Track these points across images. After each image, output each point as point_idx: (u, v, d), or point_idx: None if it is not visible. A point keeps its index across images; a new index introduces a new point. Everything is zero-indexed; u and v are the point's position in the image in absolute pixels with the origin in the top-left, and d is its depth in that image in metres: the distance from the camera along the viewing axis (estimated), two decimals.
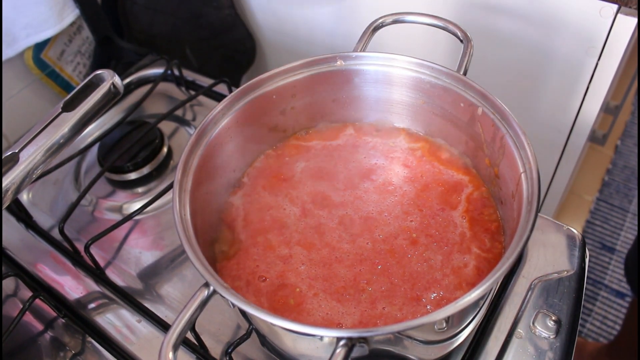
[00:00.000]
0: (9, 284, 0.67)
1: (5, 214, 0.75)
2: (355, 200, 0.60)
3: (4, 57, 0.91)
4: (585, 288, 0.60)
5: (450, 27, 0.60)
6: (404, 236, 0.56)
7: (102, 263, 0.68)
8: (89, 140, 0.81)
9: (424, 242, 0.55)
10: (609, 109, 1.09)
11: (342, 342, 0.38)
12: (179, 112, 0.87)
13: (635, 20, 0.74)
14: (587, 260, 0.62)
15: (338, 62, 0.60)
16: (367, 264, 0.54)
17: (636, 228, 1.61)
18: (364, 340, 0.39)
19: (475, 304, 0.48)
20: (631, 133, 1.86)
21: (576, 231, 0.64)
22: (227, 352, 0.55)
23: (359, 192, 0.60)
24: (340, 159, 0.63)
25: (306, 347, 0.48)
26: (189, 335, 0.57)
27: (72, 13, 0.97)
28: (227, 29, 1.16)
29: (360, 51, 0.61)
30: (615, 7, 0.74)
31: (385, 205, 0.59)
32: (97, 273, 0.67)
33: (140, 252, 0.69)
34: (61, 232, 0.66)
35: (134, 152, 0.77)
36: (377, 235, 0.56)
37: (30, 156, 0.54)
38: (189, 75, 0.93)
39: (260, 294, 0.53)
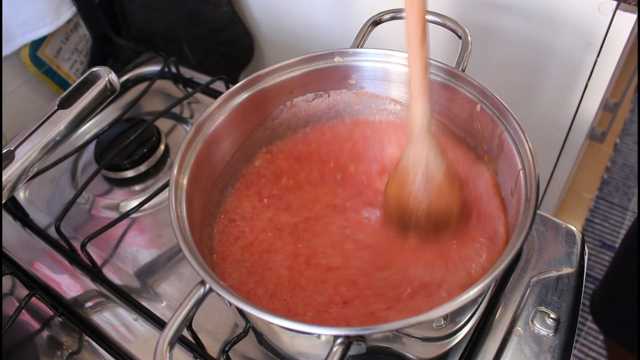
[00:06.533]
0: (5, 282, 0.66)
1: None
2: (354, 195, 0.59)
3: None
4: (586, 286, 0.60)
5: (449, 23, 0.60)
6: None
7: (99, 261, 0.67)
8: (86, 138, 0.81)
9: None
10: (608, 107, 1.09)
11: (339, 340, 0.38)
12: (176, 110, 0.87)
13: (635, 16, 0.73)
14: (586, 257, 0.62)
15: (336, 59, 0.60)
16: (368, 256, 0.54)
17: None
18: (361, 338, 0.39)
19: (473, 302, 0.48)
20: (630, 131, 1.86)
21: (575, 229, 0.64)
22: (225, 351, 0.54)
23: (358, 186, 0.60)
24: (338, 156, 0.63)
25: (303, 345, 0.48)
26: (186, 334, 0.56)
27: (69, 10, 0.97)
28: (224, 27, 1.16)
29: (358, 48, 0.60)
30: (614, 3, 0.73)
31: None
32: (93, 271, 0.67)
33: (138, 250, 0.69)
34: (58, 230, 0.65)
35: (131, 149, 0.77)
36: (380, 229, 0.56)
37: (26, 154, 0.54)
38: (187, 72, 0.92)
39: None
